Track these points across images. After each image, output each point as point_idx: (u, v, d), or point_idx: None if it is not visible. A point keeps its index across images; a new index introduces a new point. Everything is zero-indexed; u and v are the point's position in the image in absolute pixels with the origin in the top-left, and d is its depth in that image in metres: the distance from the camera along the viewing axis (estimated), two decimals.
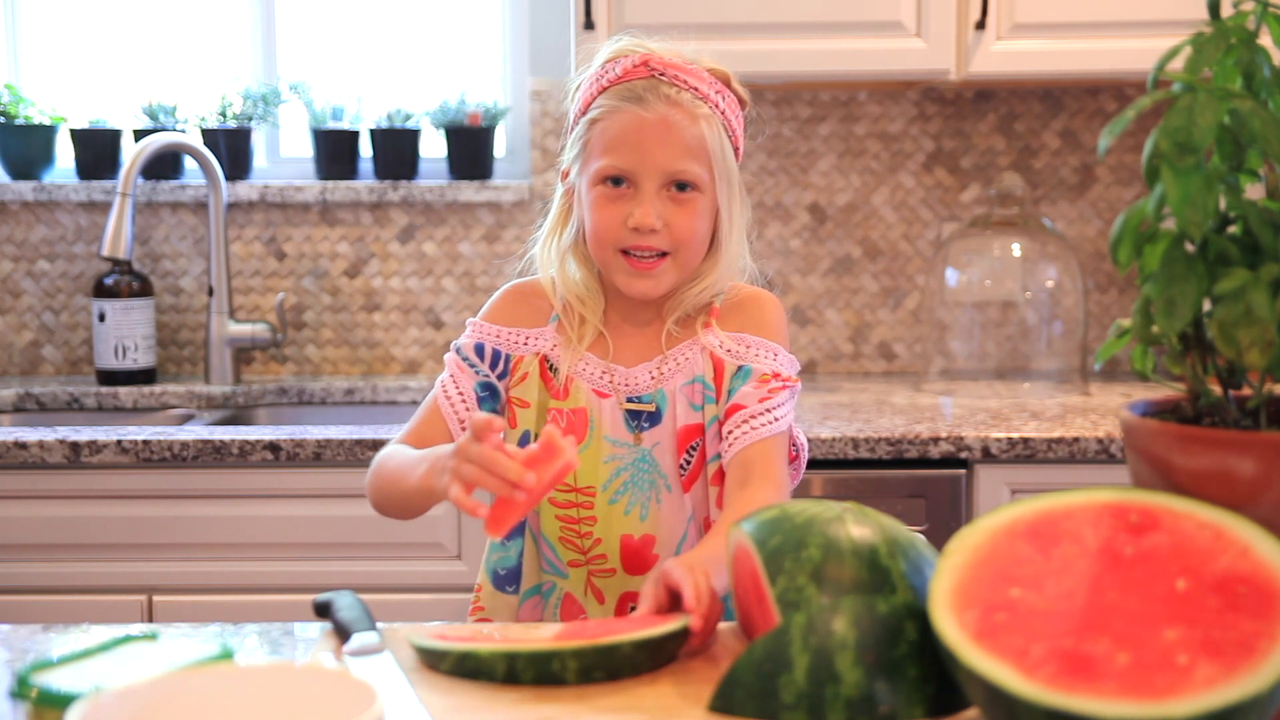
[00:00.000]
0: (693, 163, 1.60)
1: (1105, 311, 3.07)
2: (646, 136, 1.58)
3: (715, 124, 1.61)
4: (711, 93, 1.62)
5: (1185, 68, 1.05)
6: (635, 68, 1.61)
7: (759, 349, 1.64)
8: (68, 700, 1.00)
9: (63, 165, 3.07)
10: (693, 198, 1.61)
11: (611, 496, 1.63)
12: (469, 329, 1.70)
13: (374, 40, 3.13)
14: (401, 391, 2.96)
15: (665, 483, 1.63)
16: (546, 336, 1.68)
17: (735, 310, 1.67)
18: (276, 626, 1.41)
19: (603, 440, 1.64)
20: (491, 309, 1.71)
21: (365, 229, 3.05)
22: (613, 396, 1.64)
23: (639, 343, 1.67)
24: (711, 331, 1.65)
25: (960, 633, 0.98)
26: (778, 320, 1.68)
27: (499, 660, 1.18)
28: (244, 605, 2.38)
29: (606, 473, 1.63)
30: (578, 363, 1.65)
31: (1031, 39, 2.66)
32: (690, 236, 1.61)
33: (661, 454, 1.63)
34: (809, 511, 1.19)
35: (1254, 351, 1.00)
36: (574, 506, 1.64)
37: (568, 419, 1.64)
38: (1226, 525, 0.99)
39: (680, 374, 1.64)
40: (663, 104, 1.59)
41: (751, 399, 1.59)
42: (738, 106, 1.67)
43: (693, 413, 1.63)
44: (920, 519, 2.36)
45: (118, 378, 2.91)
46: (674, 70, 1.61)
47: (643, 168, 1.59)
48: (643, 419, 1.64)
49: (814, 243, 3.06)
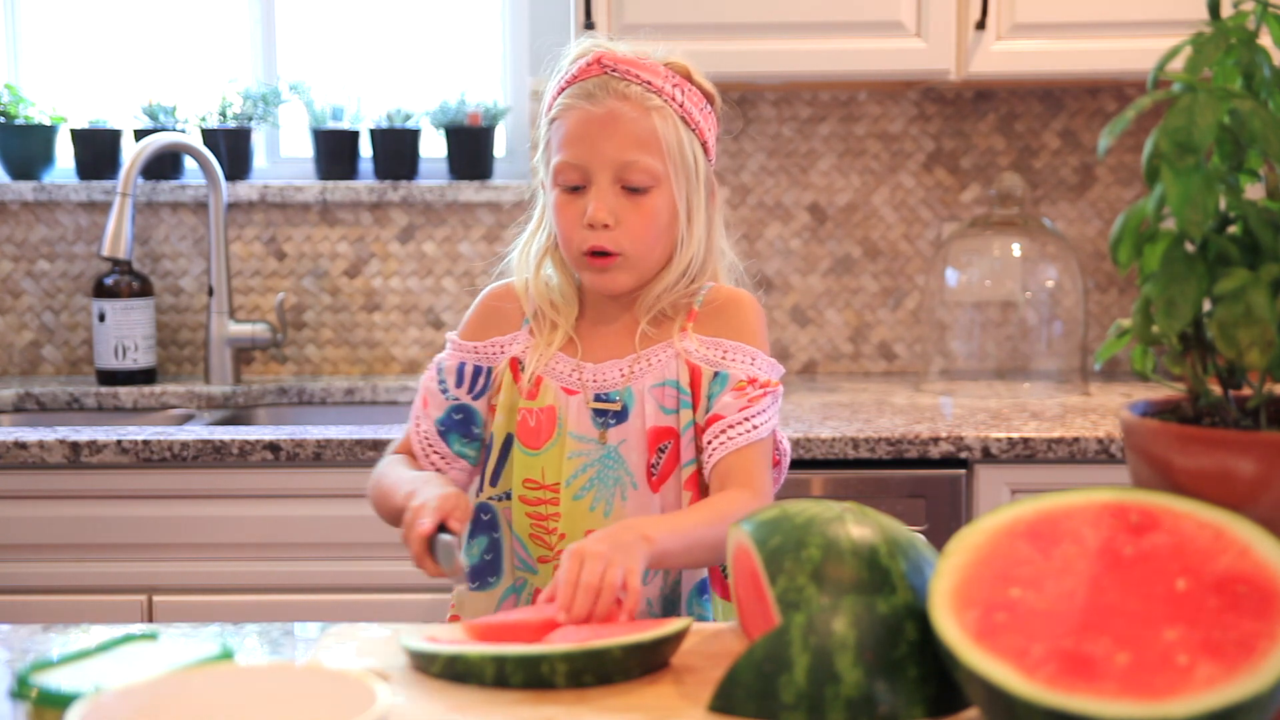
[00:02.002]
0: (643, 154, 1.59)
1: (1105, 311, 3.07)
2: (594, 130, 1.59)
3: (670, 116, 1.61)
4: (667, 86, 1.61)
5: (1185, 68, 1.05)
6: (588, 66, 1.62)
7: (736, 354, 1.63)
8: (68, 700, 1.00)
9: (63, 165, 3.07)
10: (646, 197, 1.60)
11: (576, 492, 1.63)
12: (449, 346, 1.72)
13: (374, 40, 3.13)
14: (401, 391, 2.96)
15: (631, 480, 1.63)
16: (520, 340, 1.69)
17: (714, 314, 1.66)
18: (276, 626, 1.41)
19: (568, 436, 1.64)
20: (469, 323, 1.73)
21: (365, 229, 3.05)
22: (580, 393, 1.65)
23: (611, 341, 1.67)
24: (688, 336, 1.64)
25: (960, 633, 0.98)
26: (756, 323, 1.66)
27: (488, 663, 1.18)
28: (244, 605, 2.38)
29: (571, 468, 1.63)
30: (548, 362, 1.66)
31: (1031, 39, 2.66)
32: (643, 234, 1.61)
33: (628, 451, 1.63)
34: (809, 511, 1.19)
35: (1254, 351, 1.00)
36: (541, 504, 1.64)
37: (537, 418, 1.65)
38: (1226, 525, 0.99)
39: (650, 375, 1.64)
40: (612, 98, 1.60)
41: (731, 408, 1.59)
42: (702, 100, 1.65)
43: (664, 415, 1.63)
44: (920, 519, 2.36)
45: (118, 378, 2.91)
46: (624, 65, 1.61)
47: (592, 161, 1.60)
48: (609, 416, 1.64)
49: (814, 243, 3.06)
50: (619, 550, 1.36)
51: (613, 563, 1.33)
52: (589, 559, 1.33)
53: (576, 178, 1.61)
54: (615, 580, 1.32)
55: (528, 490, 1.64)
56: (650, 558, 1.40)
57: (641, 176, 1.60)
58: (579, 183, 1.61)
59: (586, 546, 1.36)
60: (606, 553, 1.35)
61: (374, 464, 2.42)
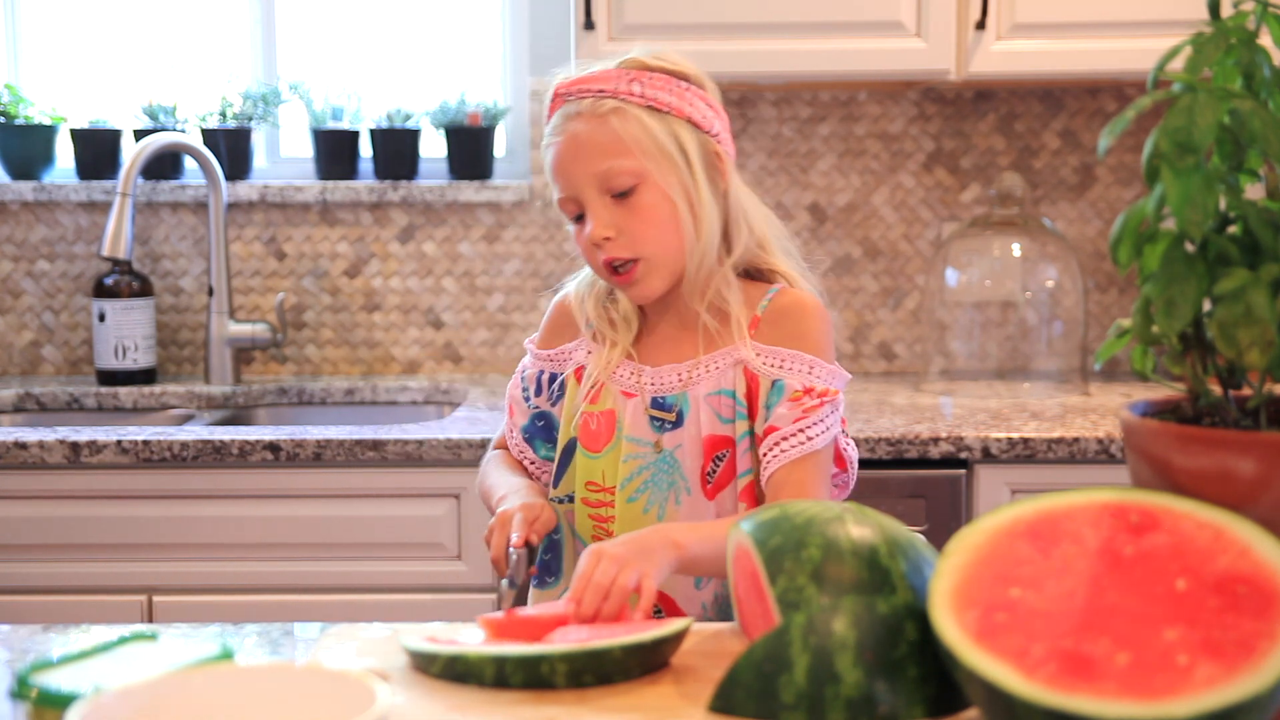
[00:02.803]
0: (614, 159, 1.59)
1: (1105, 311, 3.07)
2: (565, 159, 1.61)
3: (628, 113, 1.59)
4: (621, 84, 1.60)
5: (1185, 68, 1.05)
6: (552, 102, 1.65)
7: (793, 363, 1.61)
8: (68, 700, 1.00)
9: (63, 165, 3.07)
10: (636, 196, 1.60)
11: (630, 495, 1.64)
12: (529, 353, 1.77)
13: (374, 40, 3.13)
14: (401, 391, 2.96)
15: (686, 485, 1.63)
16: (583, 346, 1.72)
17: (776, 320, 1.64)
18: (276, 626, 1.41)
19: (624, 440, 1.65)
20: (544, 331, 1.77)
21: (365, 229, 3.05)
22: (638, 396, 1.66)
23: (671, 345, 1.68)
24: (748, 344, 1.63)
25: (960, 633, 0.98)
26: (819, 330, 1.64)
27: (488, 664, 1.18)
28: (244, 605, 2.38)
29: (626, 471, 1.64)
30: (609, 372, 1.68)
31: (1031, 39, 2.66)
32: (647, 232, 1.61)
33: (683, 457, 1.63)
34: (809, 511, 1.19)
35: (1254, 351, 1.00)
36: (601, 505, 1.66)
37: (598, 421, 1.67)
38: (1226, 525, 0.99)
39: (707, 382, 1.64)
40: (571, 123, 1.61)
41: (785, 420, 1.58)
42: (671, 81, 1.62)
43: (720, 424, 1.63)
44: (920, 519, 2.36)
45: (118, 378, 2.91)
46: (575, 86, 1.62)
47: (574, 186, 1.61)
48: (665, 422, 1.65)
49: (814, 243, 3.06)
50: (639, 554, 1.38)
51: (628, 565, 1.35)
52: (605, 559, 1.36)
53: (573, 208, 1.63)
54: (627, 583, 1.34)
55: (589, 492, 1.67)
56: (678, 564, 1.43)
57: (622, 179, 1.59)
58: (578, 211, 1.63)
59: (606, 547, 1.39)
60: (624, 555, 1.37)
61: (374, 464, 2.43)
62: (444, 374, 3.07)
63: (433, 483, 2.39)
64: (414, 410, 2.95)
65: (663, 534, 1.45)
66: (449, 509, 2.38)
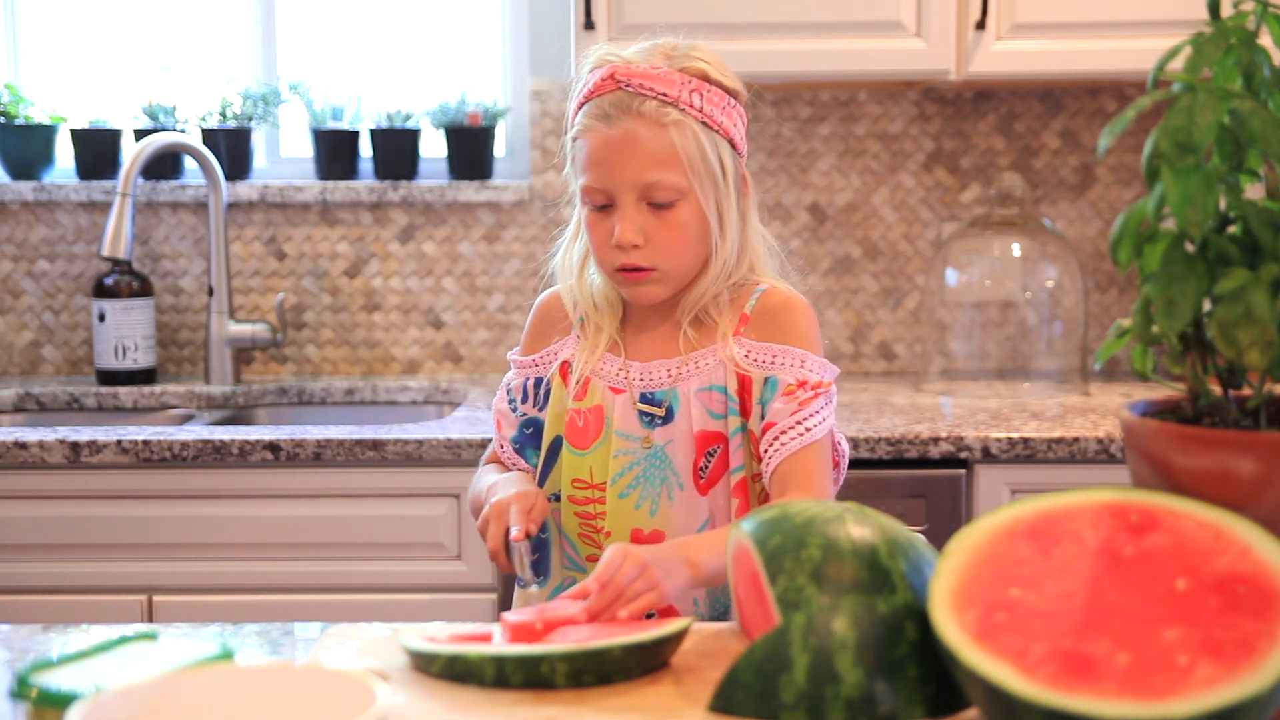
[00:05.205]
0: (665, 172, 1.59)
1: (1105, 311, 3.07)
2: (613, 154, 1.59)
3: (688, 127, 1.59)
4: (685, 94, 1.60)
5: (1185, 68, 1.05)
6: (603, 81, 1.61)
7: (785, 357, 1.62)
8: (68, 700, 1.00)
9: (63, 165, 3.07)
10: (673, 211, 1.60)
11: (622, 490, 1.64)
12: (513, 367, 1.77)
13: (374, 40, 3.13)
14: (401, 391, 2.96)
15: (678, 481, 1.63)
16: (569, 345, 1.72)
17: (765, 318, 1.66)
18: (276, 626, 1.41)
19: (614, 435, 1.65)
20: (526, 338, 1.77)
21: (365, 229, 3.05)
22: (627, 392, 1.66)
23: (657, 342, 1.68)
24: (738, 341, 1.64)
25: (960, 633, 0.98)
26: (807, 327, 1.66)
27: (488, 664, 1.18)
28: (244, 605, 2.38)
29: (617, 466, 1.64)
30: (595, 363, 1.68)
31: (1031, 39, 2.66)
32: (673, 248, 1.61)
33: (675, 452, 1.64)
34: (809, 511, 1.19)
35: (1254, 351, 1.00)
36: (590, 503, 1.66)
37: (585, 418, 1.67)
38: (1226, 525, 0.99)
39: (697, 378, 1.64)
40: (628, 119, 1.59)
41: (783, 414, 1.59)
42: (724, 98, 1.63)
43: (712, 420, 1.63)
44: (920, 519, 2.36)
45: (118, 378, 2.91)
46: (638, 80, 1.60)
47: (615, 185, 1.60)
48: (655, 418, 1.65)
49: (814, 243, 3.06)
50: (659, 566, 1.39)
51: (647, 573, 1.36)
52: (628, 562, 1.36)
53: (602, 199, 1.62)
54: (639, 592, 1.35)
55: (576, 490, 1.67)
56: (693, 583, 1.45)
57: (666, 193, 1.60)
58: (605, 202, 1.62)
59: (632, 549, 1.39)
60: (647, 562, 1.38)
61: (373, 464, 2.43)
62: (444, 374, 3.07)
63: (433, 483, 2.39)
64: (414, 410, 2.95)
65: (681, 553, 1.46)
66: (449, 509, 2.38)
